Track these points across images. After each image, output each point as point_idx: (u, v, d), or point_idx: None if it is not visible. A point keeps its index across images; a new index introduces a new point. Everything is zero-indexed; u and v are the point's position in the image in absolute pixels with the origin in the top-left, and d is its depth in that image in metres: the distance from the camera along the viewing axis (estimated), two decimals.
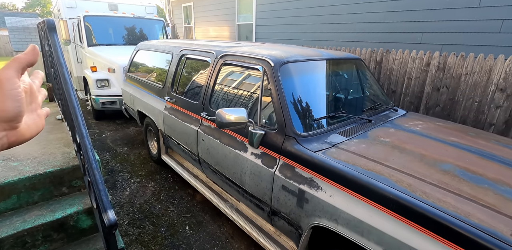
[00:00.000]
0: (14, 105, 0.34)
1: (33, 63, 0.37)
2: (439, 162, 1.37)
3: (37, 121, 0.41)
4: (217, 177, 2.12)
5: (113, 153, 3.63)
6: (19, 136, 0.37)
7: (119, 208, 2.50)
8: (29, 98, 0.39)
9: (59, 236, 1.32)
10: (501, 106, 2.26)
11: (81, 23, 5.08)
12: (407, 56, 2.74)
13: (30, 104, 0.40)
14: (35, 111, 0.41)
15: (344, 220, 1.24)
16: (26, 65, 0.36)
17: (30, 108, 0.40)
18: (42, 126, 0.43)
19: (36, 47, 0.38)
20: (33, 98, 0.41)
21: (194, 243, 2.12)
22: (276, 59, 1.75)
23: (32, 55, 0.37)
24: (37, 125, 0.41)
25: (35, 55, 0.37)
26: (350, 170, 1.27)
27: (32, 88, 0.40)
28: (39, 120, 0.42)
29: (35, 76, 0.44)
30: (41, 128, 0.42)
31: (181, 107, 2.45)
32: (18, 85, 0.34)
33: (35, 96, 0.41)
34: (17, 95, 0.34)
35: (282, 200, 1.54)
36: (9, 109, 0.34)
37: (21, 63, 0.35)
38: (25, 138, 0.39)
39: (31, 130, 0.40)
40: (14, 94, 0.34)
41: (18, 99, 0.34)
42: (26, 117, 0.38)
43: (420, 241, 1.02)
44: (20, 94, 0.35)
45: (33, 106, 0.41)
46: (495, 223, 0.98)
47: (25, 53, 0.37)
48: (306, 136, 1.55)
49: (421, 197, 1.09)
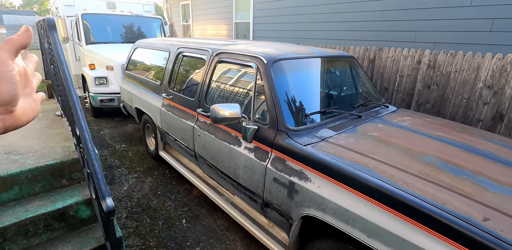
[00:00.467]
0: (9, 88, 0.33)
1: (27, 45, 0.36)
2: (423, 154, 1.44)
3: (33, 106, 0.40)
4: (213, 171, 2.19)
5: (111, 149, 3.68)
6: (15, 120, 0.36)
7: (117, 202, 2.56)
8: (23, 81, 0.38)
9: (60, 225, 1.38)
10: (489, 103, 2.33)
11: (79, 21, 5.11)
12: (399, 54, 2.80)
13: (25, 88, 0.39)
14: (30, 95, 0.40)
15: (331, 209, 1.31)
16: (20, 47, 0.35)
17: (25, 92, 0.39)
18: (38, 110, 0.42)
19: (30, 28, 0.36)
20: (28, 82, 0.39)
21: (190, 235, 2.19)
22: (269, 57, 1.81)
23: (26, 37, 0.35)
24: (33, 109, 0.40)
25: (29, 36, 0.35)
26: (337, 162, 1.34)
27: (26, 71, 0.39)
28: (35, 105, 0.41)
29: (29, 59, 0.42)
30: (37, 112, 0.42)
31: (178, 104, 2.51)
32: (12, 67, 0.33)
33: (29, 80, 0.40)
34: (11, 78, 0.33)
35: (274, 192, 1.60)
36: (3, 92, 0.33)
37: (14, 45, 0.34)
38: (21, 122, 0.38)
39: (27, 114, 0.39)
40: (8, 76, 0.33)
41: (12, 82, 0.33)
42: (21, 101, 0.37)
43: (400, 227, 1.09)
44: (15, 77, 0.33)
45: (28, 90, 0.40)
46: (470, 210, 1.05)
47: (18, 35, 0.35)
48: (297, 131, 1.61)
49: (402, 187, 1.16)
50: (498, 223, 0.99)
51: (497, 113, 2.30)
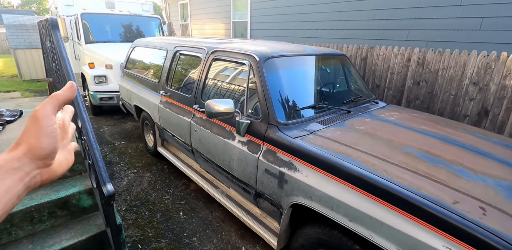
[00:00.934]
0: (50, 142, 0.34)
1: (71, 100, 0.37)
2: (404, 146, 1.53)
3: (67, 157, 0.40)
4: (209, 165, 2.28)
5: (111, 146, 3.77)
6: (51, 173, 0.36)
7: (117, 196, 2.65)
8: (61, 134, 0.39)
9: (63, 213, 1.47)
10: (474, 99, 2.42)
11: (78, 21, 5.18)
12: (390, 52, 2.89)
13: (62, 140, 0.40)
14: (66, 147, 0.41)
15: (317, 196, 1.39)
16: (64, 102, 0.36)
17: (62, 144, 0.39)
18: (72, 160, 0.41)
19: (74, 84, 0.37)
20: (65, 133, 0.40)
21: (187, 226, 2.28)
22: (261, 55, 1.89)
23: (70, 92, 0.37)
24: (68, 161, 0.40)
25: (73, 92, 0.37)
26: (323, 153, 1.42)
27: (64, 123, 0.40)
28: (70, 156, 0.41)
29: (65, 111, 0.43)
30: (71, 163, 0.41)
31: (175, 100, 2.59)
32: (54, 122, 0.34)
33: (66, 131, 0.41)
34: (53, 132, 0.34)
35: (265, 182, 1.69)
36: (45, 146, 0.33)
37: (59, 100, 0.35)
38: (57, 175, 0.38)
39: (62, 166, 0.39)
40: (50, 131, 0.33)
41: (53, 136, 0.34)
42: (58, 153, 0.37)
43: (379, 211, 1.18)
44: (56, 130, 0.34)
45: (65, 142, 0.40)
46: (442, 194, 1.14)
47: (63, 90, 0.36)
48: (287, 124, 1.70)
49: (381, 174, 1.25)
50: (466, 205, 1.08)
51: (483, 109, 2.39)
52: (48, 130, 0.33)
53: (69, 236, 1.39)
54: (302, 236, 1.58)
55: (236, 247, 2.08)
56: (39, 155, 0.33)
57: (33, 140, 0.33)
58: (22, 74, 8.02)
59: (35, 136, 0.33)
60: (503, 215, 1.05)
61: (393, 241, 1.14)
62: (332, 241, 1.42)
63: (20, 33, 7.96)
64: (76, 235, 1.40)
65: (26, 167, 0.33)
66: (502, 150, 1.64)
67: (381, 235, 1.18)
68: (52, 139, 0.34)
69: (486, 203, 1.11)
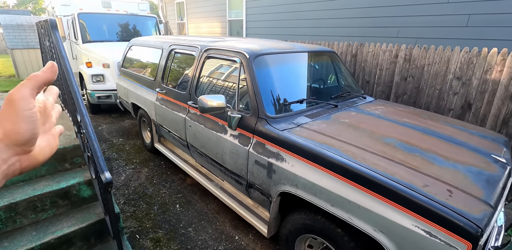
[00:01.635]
0: (28, 128, 0.31)
1: (51, 81, 0.34)
2: (385, 136, 1.62)
3: (51, 142, 0.37)
4: (203, 159, 2.37)
5: (109, 143, 3.85)
6: (32, 160, 0.34)
7: (115, 190, 2.74)
8: (43, 117, 0.36)
9: (64, 203, 1.56)
10: (458, 93, 2.52)
11: (75, 21, 5.25)
12: (378, 49, 2.98)
13: (44, 125, 0.37)
14: (49, 131, 0.38)
15: (302, 184, 1.49)
16: (43, 83, 0.33)
17: (44, 129, 0.37)
18: (56, 146, 0.39)
19: (55, 64, 0.35)
20: (47, 117, 0.38)
21: (183, 218, 2.37)
22: (251, 52, 1.98)
23: (50, 73, 0.34)
24: (51, 146, 0.37)
25: (53, 72, 0.34)
26: (307, 143, 1.52)
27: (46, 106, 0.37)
28: (53, 141, 0.38)
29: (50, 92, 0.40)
30: (55, 148, 0.38)
31: (170, 97, 2.68)
32: (33, 105, 0.31)
33: (49, 115, 0.38)
34: (31, 117, 0.31)
35: (256, 173, 1.79)
36: (22, 131, 0.31)
37: (37, 81, 0.33)
38: (38, 161, 0.35)
39: (44, 152, 0.36)
40: (28, 115, 0.31)
41: (32, 120, 0.31)
42: (39, 139, 0.35)
43: (356, 195, 1.28)
44: (35, 115, 0.32)
45: (47, 126, 0.38)
46: (413, 179, 1.23)
47: (43, 71, 0.34)
48: (276, 118, 1.79)
49: (360, 162, 1.35)
50: (435, 188, 1.18)
51: (466, 103, 2.49)
52: (25, 114, 0.30)
53: (70, 223, 1.48)
54: (289, 223, 1.68)
55: (230, 236, 2.18)
56: (16, 140, 0.31)
57: (9, 125, 0.30)
58: (20, 74, 8.07)
59: (11, 120, 0.30)
60: (468, 197, 1.15)
61: (370, 223, 1.24)
62: (316, 225, 1.52)
63: (17, 33, 8.00)
64: (77, 223, 1.49)
65: (3, 153, 0.30)
66: (478, 140, 1.74)
67: (359, 217, 1.28)
68: (31, 123, 0.31)
69: (454, 187, 1.21)
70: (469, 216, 1.05)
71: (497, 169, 1.42)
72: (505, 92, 2.28)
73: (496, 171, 1.40)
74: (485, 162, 1.47)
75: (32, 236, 1.39)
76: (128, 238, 2.12)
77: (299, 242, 1.72)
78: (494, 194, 1.21)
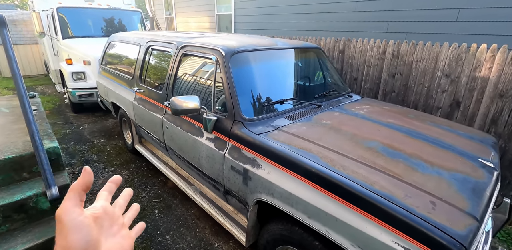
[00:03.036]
0: (78, 237, 0.31)
1: (90, 184, 0.36)
2: (367, 140, 1.52)
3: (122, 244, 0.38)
4: (182, 162, 2.25)
5: (89, 144, 3.70)
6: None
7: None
8: (107, 222, 0.37)
9: (20, 217, 1.43)
10: (446, 91, 2.43)
11: (54, 15, 5.01)
12: (366, 45, 2.87)
13: (111, 228, 0.38)
14: (118, 233, 0.38)
15: (278, 193, 1.39)
16: (83, 189, 0.35)
17: (110, 232, 0.37)
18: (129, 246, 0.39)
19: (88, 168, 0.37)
20: (113, 220, 0.39)
21: (161, 224, 2.26)
22: (228, 49, 1.85)
23: (87, 178, 0.36)
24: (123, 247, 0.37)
25: (89, 176, 0.36)
26: (284, 149, 1.41)
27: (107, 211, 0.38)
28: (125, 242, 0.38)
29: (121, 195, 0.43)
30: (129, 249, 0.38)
31: (148, 97, 2.54)
32: (78, 213, 0.32)
33: (115, 218, 0.39)
34: (79, 225, 0.32)
35: (232, 179, 1.68)
36: (72, 243, 0.31)
37: (76, 190, 0.34)
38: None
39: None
40: (76, 224, 0.32)
41: (82, 229, 0.32)
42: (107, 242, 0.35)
43: (334, 207, 1.18)
44: (83, 223, 0.32)
45: (115, 229, 0.38)
46: (394, 189, 1.14)
47: (80, 178, 0.36)
48: (253, 120, 1.68)
49: (338, 170, 1.24)
50: (417, 200, 1.08)
51: (454, 101, 2.41)
52: (72, 224, 0.31)
53: (26, 239, 1.36)
54: (267, 232, 1.58)
55: (209, 244, 2.08)
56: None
57: (62, 240, 0.31)
58: (2, 71, 7.78)
59: (63, 235, 0.31)
60: (452, 209, 1.06)
61: (347, 237, 1.15)
62: (294, 237, 1.42)
63: None
64: (33, 239, 1.36)
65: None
66: (465, 142, 1.65)
67: (336, 231, 1.18)
68: (80, 233, 0.32)
69: (437, 197, 1.11)
70: (453, 232, 0.95)
71: (484, 175, 1.33)
72: (494, 90, 2.20)
73: (483, 177, 1.31)
74: (472, 167, 1.38)
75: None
76: None
77: None
78: (480, 204, 1.12)
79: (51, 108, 5.16)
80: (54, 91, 6.28)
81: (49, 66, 6.26)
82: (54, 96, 5.88)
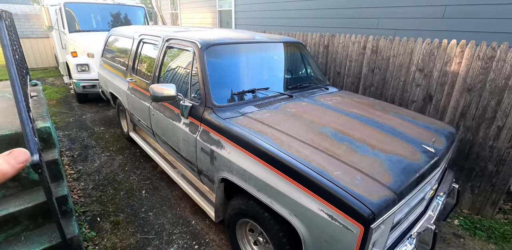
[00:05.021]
0: None
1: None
2: (322, 126, 1.66)
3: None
4: (166, 147, 2.44)
5: (90, 131, 3.95)
6: None
7: (86, 176, 2.84)
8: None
9: (14, 185, 1.65)
10: (420, 85, 2.53)
11: (62, 10, 5.27)
12: (348, 40, 2.97)
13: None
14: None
15: (236, 170, 1.55)
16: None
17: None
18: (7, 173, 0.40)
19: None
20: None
21: (146, 203, 2.47)
22: (204, 42, 2.01)
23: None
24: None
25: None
26: (242, 131, 1.57)
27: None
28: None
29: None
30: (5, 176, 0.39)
31: (139, 87, 2.74)
32: None
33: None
34: None
35: (202, 160, 1.85)
36: None
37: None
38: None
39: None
40: None
41: None
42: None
43: (276, 181, 1.34)
44: None
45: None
46: (328, 166, 1.28)
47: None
48: (222, 107, 1.84)
49: (284, 149, 1.40)
50: (344, 175, 1.23)
51: (427, 95, 2.50)
52: None
53: (17, 203, 1.57)
54: (230, 208, 1.75)
55: (187, 221, 2.27)
56: None
57: None
58: None
59: None
60: (374, 183, 1.20)
61: (286, 207, 1.31)
62: (249, 210, 1.59)
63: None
64: (24, 203, 1.58)
65: None
66: (418, 131, 1.77)
67: (278, 201, 1.34)
68: None
69: (365, 173, 1.25)
70: (365, 200, 1.10)
71: (422, 159, 1.46)
72: (463, 85, 2.29)
73: (419, 160, 1.44)
74: (413, 151, 1.51)
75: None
76: (89, 221, 2.23)
77: (240, 226, 1.80)
78: (404, 182, 1.26)
79: (58, 98, 5.45)
80: (62, 83, 6.59)
81: (58, 58, 6.57)
82: (62, 88, 6.18)
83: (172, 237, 2.10)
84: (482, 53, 2.15)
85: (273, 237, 1.48)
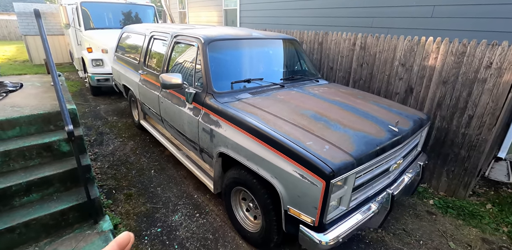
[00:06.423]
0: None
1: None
2: (305, 109, 1.95)
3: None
4: (173, 131, 2.77)
5: (104, 120, 4.31)
6: None
7: (102, 157, 3.19)
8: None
9: (47, 154, 1.99)
10: (402, 78, 2.79)
11: (78, 9, 5.65)
12: (340, 38, 3.24)
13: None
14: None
15: (231, 145, 1.86)
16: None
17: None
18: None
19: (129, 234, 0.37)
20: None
21: (155, 180, 2.80)
22: (207, 38, 2.32)
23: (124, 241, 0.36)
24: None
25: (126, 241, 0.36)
26: (236, 112, 1.88)
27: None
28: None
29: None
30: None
31: (149, 78, 3.07)
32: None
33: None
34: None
35: (203, 139, 2.17)
36: None
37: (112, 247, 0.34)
38: None
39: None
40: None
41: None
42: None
43: (262, 151, 1.64)
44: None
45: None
46: (303, 138, 1.58)
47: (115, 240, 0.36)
48: (221, 93, 2.15)
49: (270, 126, 1.69)
50: (315, 144, 1.52)
51: (408, 87, 2.76)
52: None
53: (51, 169, 1.91)
54: (226, 178, 2.06)
55: (190, 195, 2.59)
56: None
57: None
58: (33, 59, 8.64)
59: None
60: (338, 150, 1.50)
61: (269, 171, 1.61)
62: (241, 178, 1.89)
63: (30, 20, 8.51)
64: (56, 169, 1.92)
65: None
66: (390, 116, 2.04)
67: (263, 167, 1.64)
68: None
69: (332, 144, 1.55)
70: (328, 161, 1.39)
71: (385, 136, 1.74)
72: (439, 78, 2.54)
73: (383, 136, 1.72)
74: (379, 130, 1.79)
75: (21, 176, 1.82)
76: (106, 192, 2.57)
77: (234, 194, 2.11)
78: (364, 151, 1.55)
79: (73, 91, 5.85)
80: (77, 78, 7.01)
81: (73, 54, 6.98)
82: (77, 82, 6.59)
83: (177, 207, 2.43)
84: (454, 49, 2.40)
85: (260, 199, 1.79)
